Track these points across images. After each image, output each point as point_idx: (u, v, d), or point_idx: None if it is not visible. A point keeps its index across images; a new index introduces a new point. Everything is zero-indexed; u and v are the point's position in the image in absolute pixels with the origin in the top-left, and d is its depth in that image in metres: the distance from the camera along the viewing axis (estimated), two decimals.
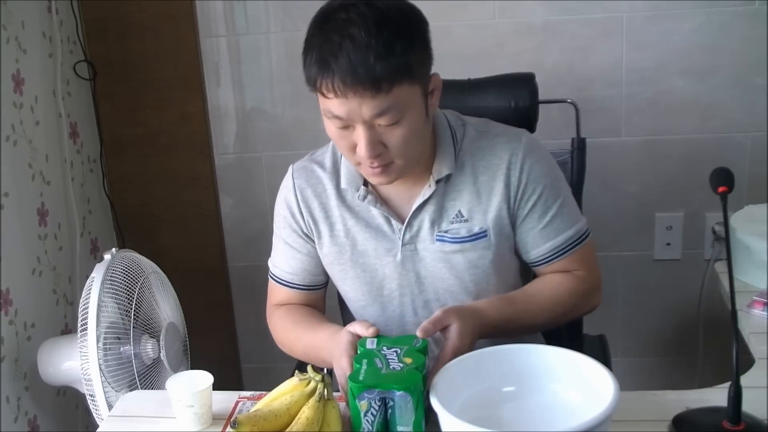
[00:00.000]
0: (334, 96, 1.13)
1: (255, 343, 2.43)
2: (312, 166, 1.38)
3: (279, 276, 1.43)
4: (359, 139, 1.17)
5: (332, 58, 1.11)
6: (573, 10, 2.04)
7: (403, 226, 1.30)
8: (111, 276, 1.63)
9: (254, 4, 2.15)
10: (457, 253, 1.30)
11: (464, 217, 1.29)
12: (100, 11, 2.17)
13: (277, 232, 1.42)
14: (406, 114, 1.16)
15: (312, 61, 1.15)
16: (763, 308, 1.45)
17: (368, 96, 1.12)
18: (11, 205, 1.81)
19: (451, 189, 1.30)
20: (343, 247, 1.34)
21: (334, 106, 1.15)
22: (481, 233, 1.29)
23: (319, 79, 1.14)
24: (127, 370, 1.61)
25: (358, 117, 1.15)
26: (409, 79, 1.15)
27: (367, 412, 1.03)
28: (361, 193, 1.31)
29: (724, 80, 2.05)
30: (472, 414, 0.96)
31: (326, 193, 1.35)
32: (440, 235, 1.30)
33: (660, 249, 2.20)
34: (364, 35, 1.10)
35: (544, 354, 1.11)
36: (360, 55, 1.10)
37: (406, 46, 1.13)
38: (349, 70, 1.10)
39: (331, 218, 1.35)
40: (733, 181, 1.13)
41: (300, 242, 1.38)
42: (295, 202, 1.37)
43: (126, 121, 2.25)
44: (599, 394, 0.98)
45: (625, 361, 2.28)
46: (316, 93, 1.18)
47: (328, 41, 1.12)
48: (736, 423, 1.05)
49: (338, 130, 1.19)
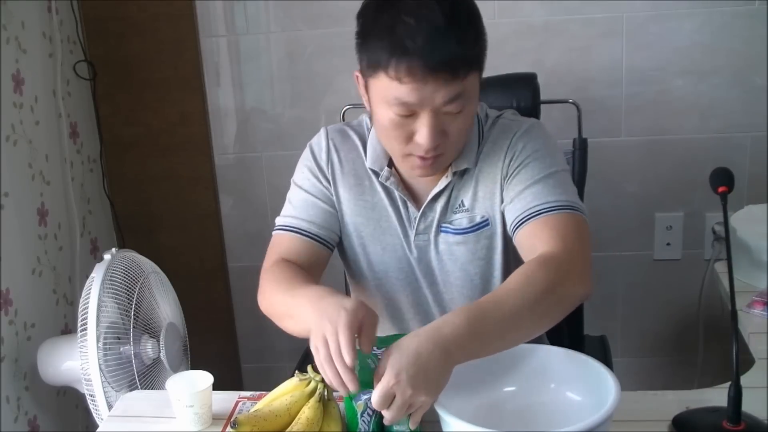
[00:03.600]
0: (409, 81, 1.08)
1: (255, 343, 2.43)
2: (349, 132, 1.35)
3: (291, 225, 1.31)
4: (422, 126, 1.13)
5: (410, 41, 1.06)
6: (573, 10, 2.04)
7: (417, 213, 1.29)
8: (111, 276, 1.63)
9: (254, 4, 2.15)
10: (459, 244, 1.29)
11: (466, 207, 1.28)
12: (100, 11, 2.17)
13: (298, 183, 1.35)
14: (469, 103, 1.14)
15: (382, 43, 1.09)
16: (763, 308, 1.45)
17: (445, 82, 1.08)
18: (11, 205, 1.81)
19: (460, 179, 1.29)
20: (369, 219, 1.31)
21: (404, 92, 1.10)
22: (482, 222, 1.27)
23: (393, 62, 1.08)
24: (127, 370, 1.61)
25: (428, 103, 1.11)
26: (477, 67, 1.14)
27: (364, 412, 1.03)
28: (385, 173, 1.28)
29: (724, 80, 2.05)
30: (473, 414, 0.97)
31: (359, 161, 1.32)
32: (444, 226, 1.29)
33: (660, 249, 2.20)
34: (443, 19, 1.07)
35: (545, 354, 1.11)
36: (441, 39, 1.06)
37: (477, 34, 1.13)
38: (430, 54, 1.06)
39: (361, 187, 1.32)
40: (733, 181, 1.13)
41: (325, 193, 1.33)
42: (325, 159, 1.33)
43: (126, 121, 2.25)
44: (600, 394, 0.98)
45: (625, 361, 2.28)
46: (374, 79, 1.12)
47: (402, 23, 1.07)
48: (736, 423, 1.04)
49: (398, 117, 1.13)
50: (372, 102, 1.18)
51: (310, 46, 2.16)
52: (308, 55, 2.17)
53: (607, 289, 2.23)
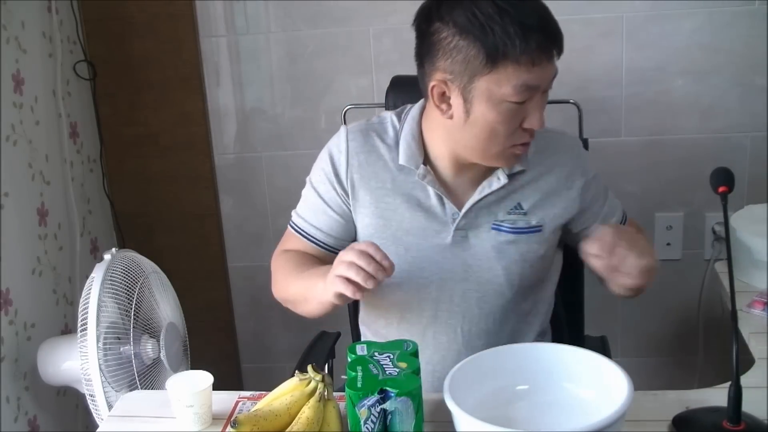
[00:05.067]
0: (542, 59, 1.13)
1: (255, 343, 2.43)
2: (371, 135, 1.34)
3: (302, 228, 1.38)
4: (535, 110, 1.17)
5: (528, 20, 1.11)
6: (573, 10, 2.04)
7: (457, 210, 1.29)
8: (111, 276, 1.63)
9: (254, 4, 2.15)
10: (510, 244, 1.30)
11: (523, 210, 1.30)
12: (100, 11, 2.17)
13: (313, 185, 1.37)
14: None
15: (510, 30, 1.10)
16: (763, 308, 1.46)
17: (554, 60, 1.16)
18: (11, 205, 1.81)
19: (516, 184, 1.30)
20: (390, 221, 1.31)
21: (532, 77, 1.13)
22: (537, 227, 1.30)
23: (522, 45, 1.10)
24: (127, 370, 1.61)
25: (545, 83, 1.17)
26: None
27: (367, 419, 1.02)
28: (421, 171, 1.28)
29: (724, 80, 2.05)
30: (486, 412, 0.96)
31: (381, 163, 1.32)
32: (497, 224, 1.30)
33: (660, 249, 2.20)
34: (536, 2, 1.15)
35: (558, 352, 1.11)
36: (551, 18, 1.14)
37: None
38: (549, 29, 1.13)
39: (382, 189, 1.32)
40: (733, 181, 1.13)
41: (337, 201, 1.35)
42: (344, 163, 1.33)
43: (126, 121, 2.25)
44: (612, 392, 0.99)
45: (625, 361, 2.26)
46: (498, 69, 1.12)
47: (521, 8, 1.11)
48: (736, 423, 1.05)
49: (515, 107, 1.16)
50: (473, 105, 1.17)
51: (310, 46, 2.16)
52: (308, 55, 2.17)
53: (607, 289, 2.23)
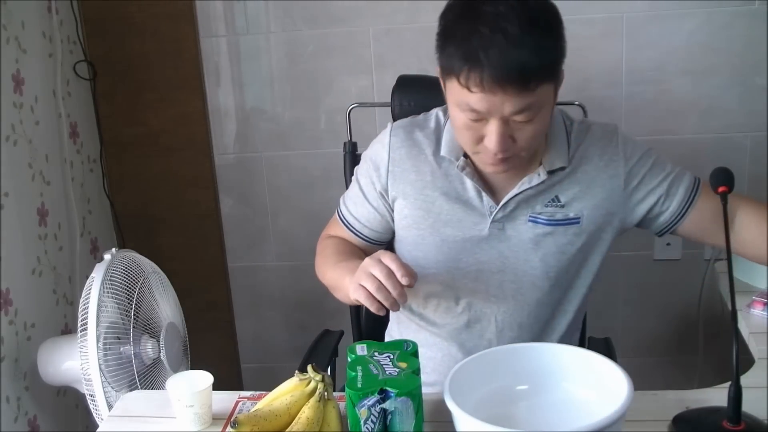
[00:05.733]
0: (478, 90, 1.11)
1: (255, 343, 2.43)
2: (413, 128, 1.37)
3: (344, 215, 1.43)
4: (491, 133, 1.16)
5: (483, 52, 1.08)
6: (573, 10, 2.02)
7: (495, 204, 1.30)
8: (111, 276, 1.63)
9: (254, 4, 2.15)
10: (548, 235, 1.30)
11: (561, 202, 1.30)
12: (100, 11, 2.17)
13: (358, 175, 1.41)
14: (541, 111, 1.16)
15: (457, 51, 1.11)
16: (763, 308, 1.45)
17: (514, 93, 1.10)
18: (11, 205, 1.81)
19: (553, 177, 1.30)
20: (428, 212, 1.33)
21: (474, 100, 1.13)
22: (574, 219, 1.30)
23: (464, 72, 1.11)
24: (127, 370, 1.61)
25: (497, 112, 1.13)
26: (552, 79, 1.15)
27: (367, 420, 1.02)
28: (461, 163, 1.29)
29: (724, 80, 2.05)
30: (486, 412, 0.96)
31: (422, 156, 1.34)
32: (534, 216, 1.30)
33: (660, 249, 2.20)
34: (518, 31, 1.08)
35: (558, 352, 1.11)
36: (513, 51, 1.08)
37: (554, 45, 1.14)
38: (501, 66, 1.08)
39: (422, 181, 1.33)
40: (733, 181, 1.13)
41: (374, 195, 1.38)
42: (385, 158, 1.36)
43: (126, 121, 2.26)
44: (612, 392, 0.98)
45: (625, 361, 2.26)
46: (449, 82, 1.16)
47: (477, 33, 1.09)
48: (736, 423, 1.04)
49: (469, 122, 1.17)
50: (448, 100, 1.21)
51: (310, 46, 2.16)
52: (308, 55, 2.17)
53: (608, 290, 2.23)
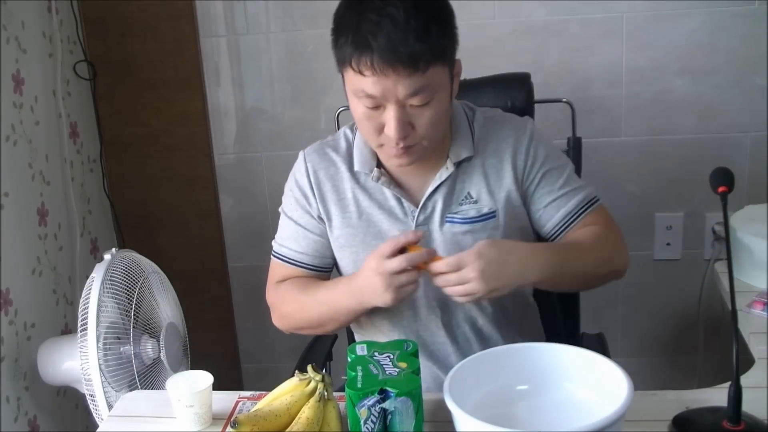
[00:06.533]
0: (371, 74, 1.15)
1: (255, 343, 2.43)
2: (325, 149, 1.39)
3: (287, 255, 1.41)
4: (389, 119, 1.19)
5: (371, 37, 1.13)
6: (573, 10, 2.04)
7: (415, 208, 1.32)
8: (111, 276, 1.63)
9: (254, 4, 2.15)
10: (466, 234, 1.31)
11: (473, 198, 1.32)
12: (100, 11, 2.17)
13: (287, 213, 1.41)
14: (436, 95, 1.19)
15: (348, 40, 1.15)
16: (763, 308, 1.45)
17: (405, 75, 1.14)
18: (11, 205, 1.81)
19: (461, 172, 1.33)
20: (357, 228, 1.35)
21: (368, 85, 1.16)
22: (489, 214, 1.32)
23: (356, 57, 1.15)
24: (127, 370, 1.61)
25: (391, 96, 1.16)
26: (442, 61, 1.18)
27: (367, 420, 1.02)
28: (375, 174, 1.32)
29: (724, 80, 2.05)
30: (486, 412, 0.97)
31: (339, 175, 1.36)
32: (450, 216, 1.32)
33: (660, 249, 2.20)
34: (404, 15, 1.13)
35: (557, 352, 1.11)
36: (400, 34, 1.12)
37: (441, 29, 1.18)
38: (389, 49, 1.12)
39: (344, 200, 1.36)
40: (733, 181, 1.13)
41: (312, 223, 1.38)
42: (307, 184, 1.37)
43: (126, 121, 2.26)
44: (612, 392, 0.98)
45: (625, 361, 2.26)
46: (345, 73, 1.19)
47: (366, 20, 1.14)
48: (736, 423, 1.05)
49: (367, 110, 1.20)
50: (347, 94, 1.24)
51: (310, 46, 2.16)
52: (308, 55, 2.17)
53: (607, 289, 2.20)
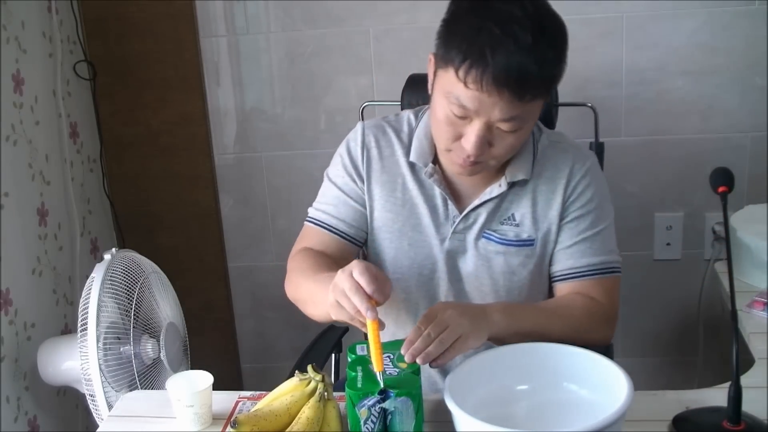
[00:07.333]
0: (475, 88, 1.09)
1: (255, 343, 2.43)
2: (386, 128, 1.35)
3: (322, 220, 1.36)
4: (471, 133, 1.14)
5: (490, 51, 1.06)
6: (573, 10, 2.03)
7: (458, 214, 1.29)
8: (111, 276, 1.63)
9: (254, 4, 2.15)
10: (499, 254, 1.29)
11: (516, 221, 1.29)
12: (100, 11, 2.17)
13: (332, 178, 1.37)
14: (525, 125, 1.15)
15: (462, 43, 1.09)
16: (763, 308, 1.46)
17: (508, 100, 1.09)
18: (11, 205, 1.81)
19: (512, 193, 1.29)
20: (398, 215, 1.32)
21: (466, 96, 1.10)
22: (528, 241, 1.29)
23: (465, 67, 1.08)
24: (127, 370, 1.61)
25: (484, 114, 1.12)
26: (545, 95, 1.14)
27: (367, 420, 1.02)
28: (429, 170, 1.29)
29: (724, 80, 2.05)
30: (486, 412, 0.96)
31: (394, 158, 1.33)
32: (488, 233, 1.29)
33: (660, 249, 2.20)
34: (530, 39, 1.06)
35: (558, 352, 1.11)
36: (519, 58, 1.06)
37: (558, 58, 1.12)
38: (503, 69, 1.06)
39: (392, 183, 1.33)
40: (733, 181, 1.13)
41: (356, 192, 1.35)
42: (360, 155, 1.34)
43: (126, 121, 2.25)
44: (612, 392, 0.99)
45: (625, 361, 2.26)
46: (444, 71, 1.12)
47: (487, 31, 1.07)
48: (736, 423, 1.05)
49: (452, 115, 1.15)
50: (435, 89, 1.19)
51: (310, 46, 2.16)
52: (308, 55, 2.17)
53: None
